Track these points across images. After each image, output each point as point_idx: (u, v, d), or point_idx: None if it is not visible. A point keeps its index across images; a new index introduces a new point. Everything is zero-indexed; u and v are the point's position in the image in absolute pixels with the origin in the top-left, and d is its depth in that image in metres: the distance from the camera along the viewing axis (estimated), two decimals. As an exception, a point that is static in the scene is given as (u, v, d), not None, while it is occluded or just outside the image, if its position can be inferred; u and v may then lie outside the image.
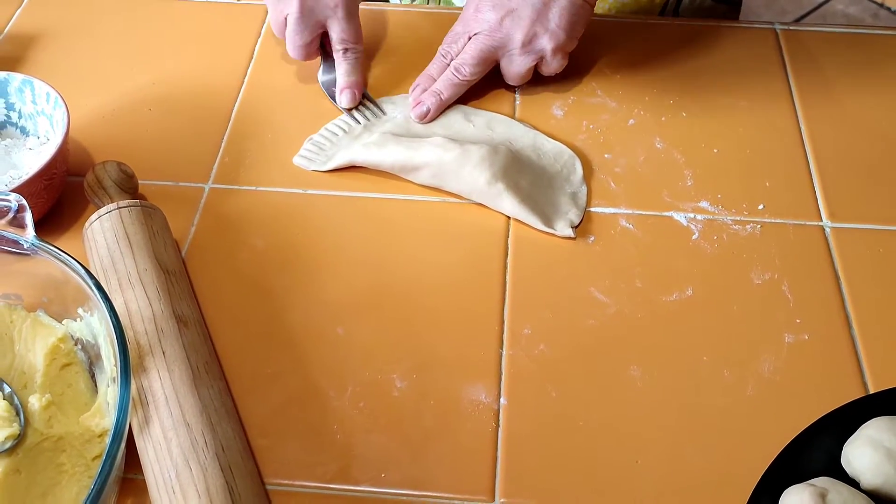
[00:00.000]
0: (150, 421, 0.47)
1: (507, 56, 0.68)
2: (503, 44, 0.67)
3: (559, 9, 0.65)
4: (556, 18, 0.66)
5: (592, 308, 0.58)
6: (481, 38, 0.67)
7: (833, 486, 0.46)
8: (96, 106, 0.71)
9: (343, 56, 0.70)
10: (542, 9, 0.65)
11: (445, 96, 0.68)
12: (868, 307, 0.57)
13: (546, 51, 0.67)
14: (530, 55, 0.67)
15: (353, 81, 0.70)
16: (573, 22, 0.66)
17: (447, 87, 0.68)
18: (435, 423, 0.52)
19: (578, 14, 0.66)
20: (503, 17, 0.66)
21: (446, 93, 0.68)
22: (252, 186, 0.66)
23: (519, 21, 0.66)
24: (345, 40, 0.70)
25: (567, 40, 0.67)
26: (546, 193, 0.64)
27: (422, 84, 0.69)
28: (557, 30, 0.66)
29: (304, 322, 0.57)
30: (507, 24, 0.66)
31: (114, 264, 0.53)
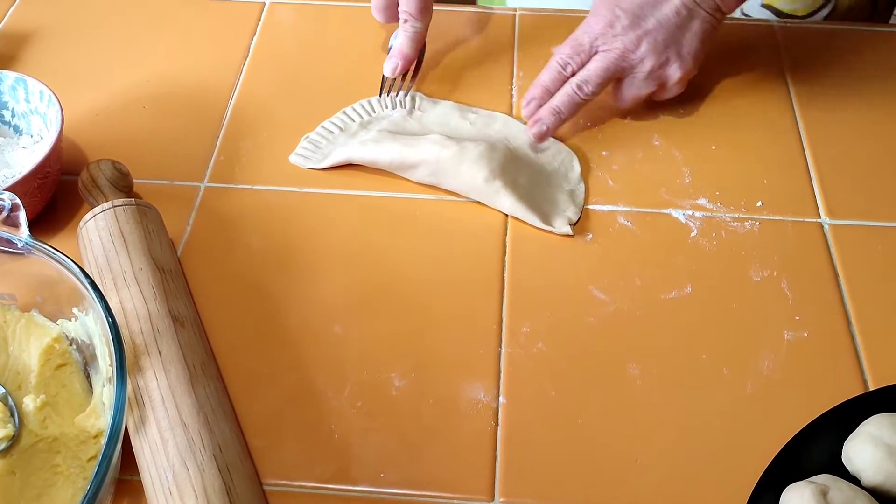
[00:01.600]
0: (147, 421, 0.47)
1: (630, 78, 0.65)
2: (632, 66, 0.63)
3: (693, 34, 0.63)
4: (689, 45, 0.63)
5: (591, 306, 0.57)
6: (611, 57, 0.63)
7: (834, 483, 0.46)
8: (90, 104, 0.70)
9: (402, 26, 0.69)
10: (676, 32, 0.62)
11: (565, 115, 0.64)
12: (867, 304, 0.57)
13: (671, 78, 0.64)
14: (655, 81, 0.65)
15: (402, 53, 0.69)
16: (702, 50, 0.64)
17: (568, 104, 0.64)
18: (433, 423, 0.52)
19: (708, 41, 0.64)
20: (640, 39, 0.62)
21: (566, 111, 0.64)
22: (248, 185, 0.65)
23: (654, 45, 0.62)
24: (405, 11, 0.68)
25: (693, 68, 0.64)
26: (544, 191, 0.64)
27: (538, 98, 0.65)
28: (688, 57, 0.63)
29: (301, 321, 0.57)
30: (643, 47, 0.62)
31: (109, 263, 0.53)
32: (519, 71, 0.73)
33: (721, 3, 0.63)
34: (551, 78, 0.65)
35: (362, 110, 0.70)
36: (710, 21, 0.63)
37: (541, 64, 0.73)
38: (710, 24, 0.63)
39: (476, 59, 0.75)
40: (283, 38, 0.77)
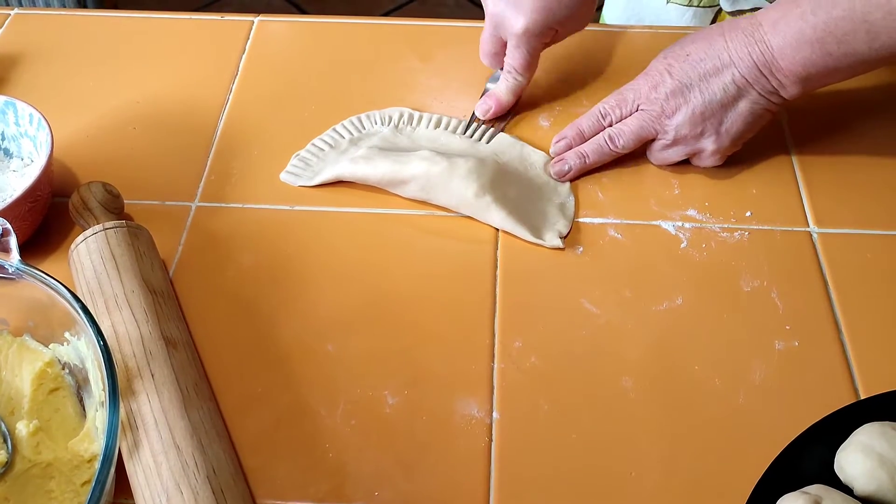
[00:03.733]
0: (140, 445, 0.47)
1: (662, 141, 0.64)
2: (665, 131, 0.63)
3: (737, 114, 0.61)
4: (729, 123, 0.62)
5: (583, 319, 0.58)
6: (647, 118, 0.63)
7: (827, 493, 0.46)
8: (80, 126, 0.70)
9: (504, 75, 0.69)
10: (719, 109, 0.61)
11: (590, 161, 0.65)
12: (857, 312, 0.58)
13: (705, 150, 0.63)
14: (687, 148, 0.64)
15: (499, 100, 0.69)
16: (745, 130, 0.62)
17: (596, 152, 0.65)
18: (427, 439, 0.52)
19: (756, 122, 0.62)
20: (678, 107, 0.62)
21: (593, 159, 0.65)
22: (239, 204, 0.65)
23: (691, 116, 0.61)
24: (511, 64, 0.69)
25: (730, 146, 0.63)
26: (534, 205, 0.64)
27: (569, 138, 0.66)
28: (725, 135, 0.62)
29: (294, 340, 0.57)
30: (679, 116, 0.62)
31: (100, 286, 0.53)
32: (507, 85, 0.74)
33: (779, 88, 0.60)
34: (589, 124, 0.66)
35: (352, 127, 0.70)
36: (763, 104, 0.61)
37: (529, 78, 0.74)
38: (763, 106, 0.61)
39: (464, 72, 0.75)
40: (273, 55, 0.77)
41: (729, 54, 0.60)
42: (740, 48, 0.59)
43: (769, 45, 0.58)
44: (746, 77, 0.60)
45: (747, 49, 0.59)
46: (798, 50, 0.57)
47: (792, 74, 0.58)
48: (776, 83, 0.59)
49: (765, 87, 0.60)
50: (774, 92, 0.60)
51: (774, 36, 0.58)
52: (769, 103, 0.61)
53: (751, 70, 0.59)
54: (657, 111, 0.63)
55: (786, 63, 0.58)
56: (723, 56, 0.60)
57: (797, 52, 0.57)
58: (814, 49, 0.56)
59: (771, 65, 0.59)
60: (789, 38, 0.57)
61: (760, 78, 0.59)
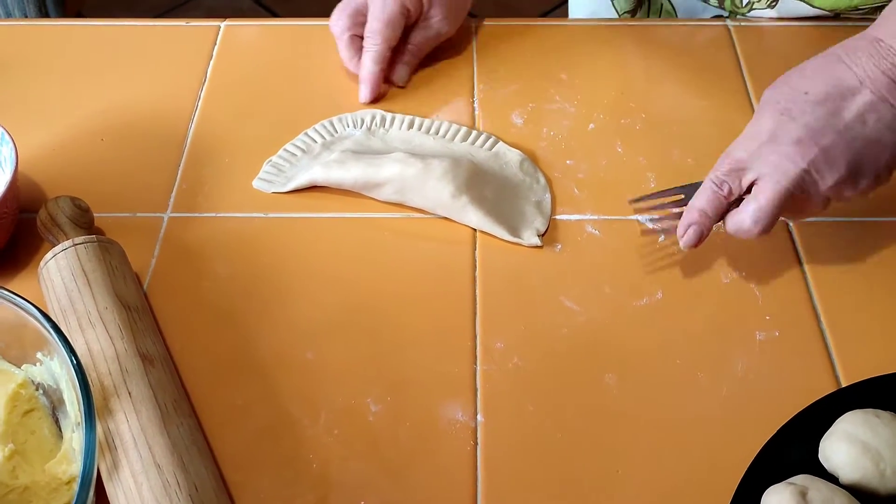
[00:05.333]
0: (119, 465, 0.46)
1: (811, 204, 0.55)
2: (812, 191, 0.53)
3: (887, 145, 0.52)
4: (888, 156, 0.53)
5: (563, 317, 0.57)
6: (784, 181, 0.53)
7: (812, 483, 0.46)
8: (45, 139, 0.69)
9: (364, 45, 0.70)
10: (865, 144, 0.52)
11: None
12: (834, 300, 0.58)
13: (850, 192, 0.54)
14: (832, 198, 0.54)
15: (367, 77, 0.70)
16: None
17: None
18: (412, 446, 0.52)
19: None
20: (810, 155, 0.52)
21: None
22: (212, 213, 0.64)
23: (833, 161, 0.52)
24: (369, 30, 0.70)
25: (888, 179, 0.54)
26: (511, 203, 0.64)
27: (699, 225, 0.56)
28: (886, 171, 0.53)
29: (273, 349, 0.56)
30: (818, 165, 0.52)
31: (72, 304, 0.52)
32: (479, 84, 0.73)
33: None
34: (708, 202, 0.55)
35: (324, 131, 0.69)
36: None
37: (501, 75, 0.74)
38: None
39: (435, 71, 0.74)
40: (241, 60, 0.76)
41: (857, 76, 0.52)
42: (869, 67, 0.52)
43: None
44: (889, 98, 0.51)
45: (877, 67, 0.51)
46: None
47: None
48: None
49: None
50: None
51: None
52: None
53: (890, 89, 0.51)
54: (791, 169, 0.52)
55: None
56: (850, 82, 0.52)
57: None
58: None
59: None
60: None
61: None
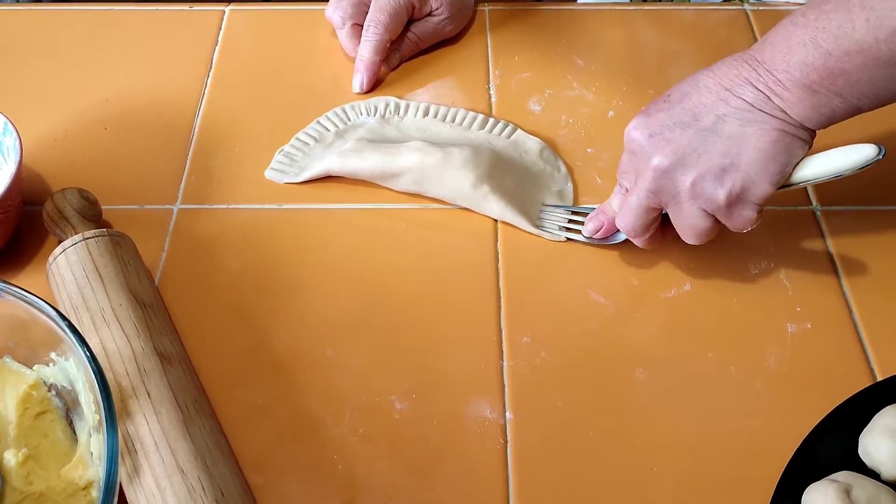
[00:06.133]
0: (141, 470, 0.44)
1: (670, 206, 0.53)
2: (667, 188, 0.52)
3: (750, 147, 0.49)
4: (742, 159, 0.50)
5: (591, 310, 0.56)
6: (642, 184, 0.52)
7: (856, 480, 0.45)
8: (49, 129, 0.66)
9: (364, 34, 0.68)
10: (721, 144, 0.50)
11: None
12: (866, 290, 0.57)
13: (718, 201, 0.50)
14: (699, 203, 0.51)
15: (364, 63, 0.69)
16: (765, 163, 0.50)
17: None
18: (440, 445, 0.50)
19: (778, 153, 0.50)
20: (661, 149, 0.51)
21: None
22: (223, 205, 0.62)
23: (685, 157, 0.51)
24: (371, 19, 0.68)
25: (750, 189, 0.50)
26: (532, 193, 0.62)
27: (606, 219, 0.57)
28: (738, 174, 0.50)
29: (292, 346, 0.54)
30: (668, 159, 0.51)
31: (85, 301, 0.50)
32: (494, 70, 0.71)
33: (787, 107, 0.48)
34: (617, 201, 0.56)
35: (336, 119, 0.67)
36: (779, 127, 0.49)
37: (516, 61, 0.72)
38: (779, 129, 0.49)
39: (449, 58, 0.72)
40: (247, 45, 0.74)
41: (718, 81, 0.50)
42: (728, 72, 0.50)
43: (758, 59, 0.49)
44: (744, 98, 0.49)
45: (737, 70, 0.50)
46: (790, 53, 0.47)
47: (792, 86, 0.48)
48: (780, 101, 0.48)
49: (768, 107, 0.49)
50: (783, 112, 0.49)
51: (763, 49, 0.49)
52: (786, 125, 0.49)
53: (745, 89, 0.49)
54: (646, 167, 0.51)
55: (781, 73, 0.48)
56: (710, 85, 0.50)
57: (789, 55, 0.47)
58: (808, 50, 0.46)
59: (766, 80, 0.49)
60: (778, 44, 0.48)
61: (759, 96, 0.49)
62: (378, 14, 0.68)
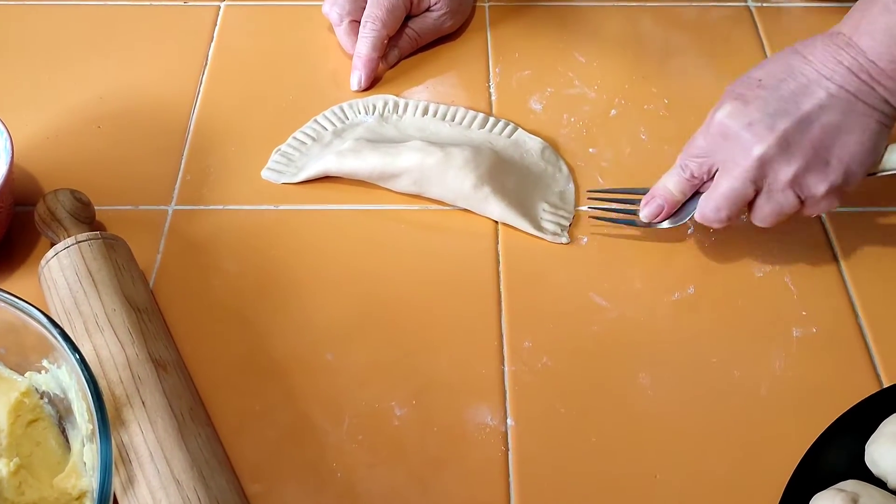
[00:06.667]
0: (135, 481, 0.43)
1: (762, 195, 0.53)
2: (762, 178, 0.51)
3: (848, 137, 0.50)
4: (841, 150, 0.50)
5: (593, 314, 0.55)
6: (734, 171, 0.52)
7: (863, 489, 0.45)
8: (39, 127, 0.65)
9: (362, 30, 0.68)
10: (821, 135, 0.50)
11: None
12: (872, 294, 0.56)
13: (816, 192, 0.51)
14: (792, 193, 0.51)
15: (362, 59, 0.68)
16: (862, 155, 0.50)
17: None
18: (441, 452, 0.49)
19: (875, 143, 0.50)
20: (762, 140, 0.50)
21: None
22: (219, 205, 0.61)
23: (786, 148, 0.50)
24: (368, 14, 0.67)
25: (845, 180, 0.51)
26: (533, 194, 0.61)
27: (664, 201, 0.56)
28: (838, 165, 0.50)
29: (290, 350, 0.53)
30: (768, 150, 0.50)
31: (77, 306, 0.49)
32: (495, 67, 0.70)
33: (888, 95, 0.49)
34: (677, 185, 0.55)
35: (334, 117, 0.66)
36: (877, 118, 0.49)
37: (517, 59, 0.71)
38: (877, 120, 0.49)
39: (449, 55, 0.71)
40: (243, 42, 0.72)
41: (814, 67, 0.50)
42: (826, 58, 0.49)
43: (859, 47, 0.49)
44: (846, 87, 0.49)
45: (835, 57, 0.49)
46: (893, 45, 0.47)
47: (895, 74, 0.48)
48: (884, 91, 0.48)
49: (871, 97, 0.48)
50: (885, 101, 0.49)
51: (861, 37, 0.49)
52: (883, 117, 0.49)
53: (847, 79, 0.49)
54: (745, 156, 0.50)
55: (884, 63, 0.48)
56: (806, 71, 0.50)
57: (893, 47, 0.47)
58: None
59: (868, 69, 0.48)
60: (879, 35, 0.48)
61: (862, 87, 0.48)
62: (376, 10, 0.67)
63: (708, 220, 0.53)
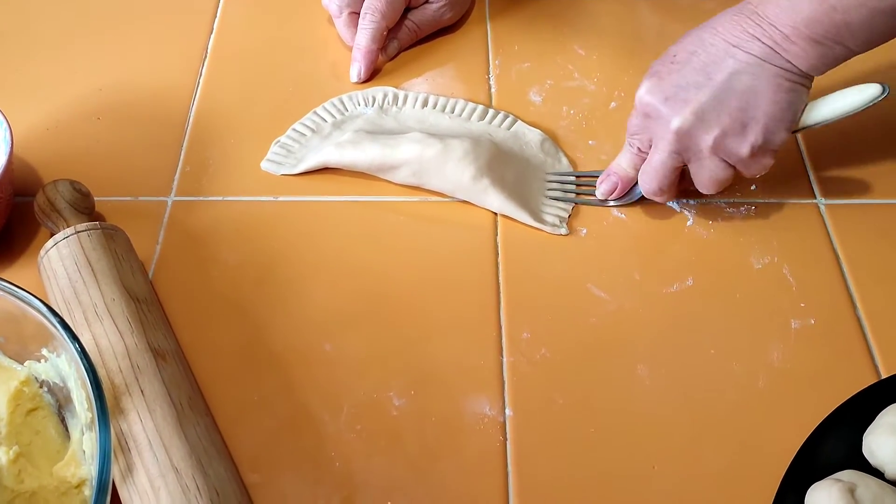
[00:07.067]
0: (134, 469, 0.43)
1: (692, 162, 0.55)
2: (686, 147, 0.54)
3: (761, 98, 0.52)
4: (756, 111, 0.52)
5: (592, 305, 0.55)
6: (663, 144, 0.54)
7: (860, 479, 0.45)
8: (39, 118, 0.65)
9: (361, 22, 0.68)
10: (735, 98, 0.52)
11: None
12: (870, 286, 0.56)
13: (741, 152, 0.53)
14: (719, 157, 0.54)
15: (361, 51, 0.68)
16: (776, 113, 0.52)
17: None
18: (439, 442, 0.49)
19: (789, 102, 0.52)
20: (680, 112, 0.53)
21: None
22: (218, 196, 0.61)
23: (703, 115, 0.52)
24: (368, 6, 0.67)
25: (767, 138, 0.53)
26: (532, 186, 0.61)
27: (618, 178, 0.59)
28: (754, 125, 0.52)
29: (289, 341, 0.53)
30: (686, 121, 0.53)
31: (77, 296, 0.49)
32: (495, 59, 0.70)
33: (795, 59, 0.51)
34: (629, 160, 0.58)
35: (334, 109, 0.66)
36: (787, 77, 0.52)
37: (516, 51, 0.71)
38: (787, 79, 0.52)
39: (448, 47, 0.71)
40: (243, 34, 0.72)
41: (723, 37, 0.52)
42: (734, 28, 0.52)
43: (764, 15, 0.51)
44: (753, 53, 0.51)
45: (741, 26, 0.52)
46: (795, 10, 0.49)
47: (799, 39, 0.50)
48: (787, 54, 0.51)
49: (777, 60, 0.51)
50: (791, 64, 0.51)
51: (766, 6, 0.51)
52: (794, 76, 0.52)
53: (752, 44, 0.51)
54: (665, 129, 0.53)
55: (788, 28, 0.50)
56: (716, 42, 0.52)
57: (795, 12, 0.49)
58: (814, 7, 0.49)
59: (773, 35, 0.51)
60: (783, 2, 0.50)
61: (768, 51, 0.51)
62: (375, 1, 0.67)
63: (648, 193, 0.57)
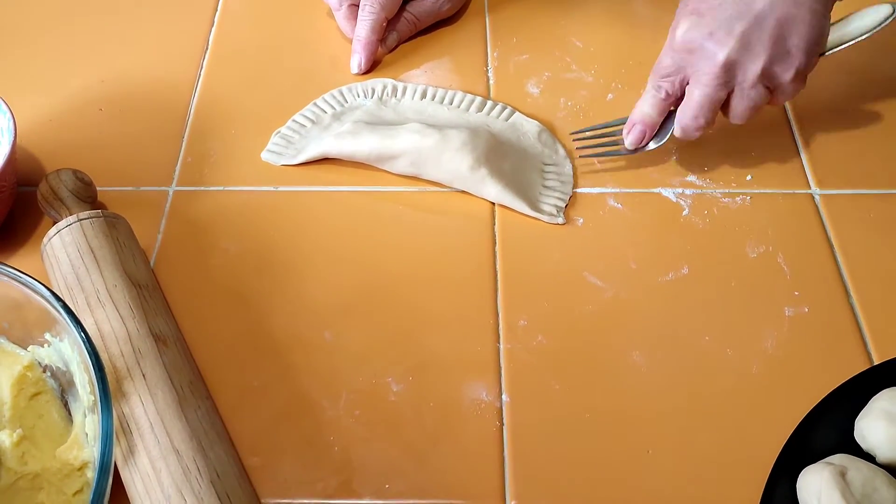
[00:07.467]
0: (136, 451, 0.44)
1: (736, 94, 0.56)
2: (730, 80, 0.56)
3: (798, 23, 0.53)
4: (795, 37, 0.54)
5: (588, 293, 0.56)
6: (705, 80, 0.55)
7: (851, 462, 0.45)
8: (43, 109, 0.66)
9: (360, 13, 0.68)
10: (776, 26, 0.53)
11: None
12: (864, 275, 0.56)
13: (784, 79, 0.55)
14: (761, 87, 0.55)
15: (362, 42, 0.68)
16: (813, 35, 0.54)
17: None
18: (436, 427, 0.50)
19: (819, 23, 0.54)
20: (726, 45, 0.54)
21: None
22: (219, 186, 0.62)
23: (748, 47, 0.54)
24: None
25: (808, 62, 0.55)
26: (530, 176, 0.62)
27: (644, 125, 0.59)
28: (796, 50, 0.54)
29: (289, 328, 0.54)
30: (732, 53, 0.54)
31: (79, 282, 0.49)
32: (493, 51, 0.71)
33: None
34: (654, 105, 0.59)
35: (333, 101, 0.67)
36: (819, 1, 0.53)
37: (515, 43, 0.71)
38: (818, 2, 0.53)
39: (447, 39, 0.72)
40: (245, 25, 0.73)
41: None
42: None
43: None
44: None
45: None
46: None
47: None
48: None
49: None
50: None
51: None
52: (823, 1, 0.53)
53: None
54: (711, 63, 0.54)
55: None
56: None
57: None
58: None
59: None
60: None
61: None
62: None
63: (687, 131, 0.57)
